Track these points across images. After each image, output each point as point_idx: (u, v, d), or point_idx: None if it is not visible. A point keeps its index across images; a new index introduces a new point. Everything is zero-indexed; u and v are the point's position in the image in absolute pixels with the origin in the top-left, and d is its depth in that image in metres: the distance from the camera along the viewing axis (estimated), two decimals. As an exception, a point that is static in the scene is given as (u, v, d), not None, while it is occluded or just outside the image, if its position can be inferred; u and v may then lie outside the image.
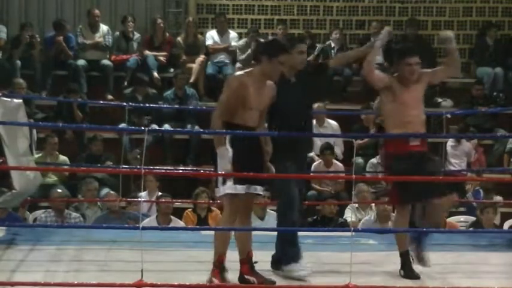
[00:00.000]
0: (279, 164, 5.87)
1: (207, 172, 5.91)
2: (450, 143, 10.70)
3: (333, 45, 12.30)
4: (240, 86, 5.61)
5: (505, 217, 9.66)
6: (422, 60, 5.83)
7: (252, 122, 5.70)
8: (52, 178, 9.94)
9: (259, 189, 5.74)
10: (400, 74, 6.01)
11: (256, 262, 5.79)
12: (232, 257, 5.99)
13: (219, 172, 5.57)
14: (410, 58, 5.99)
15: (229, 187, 5.61)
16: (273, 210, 8.72)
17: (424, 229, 5.88)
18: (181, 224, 8.74)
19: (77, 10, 12.65)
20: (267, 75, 5.68)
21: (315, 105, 10.99)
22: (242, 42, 12.31)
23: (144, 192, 9.36)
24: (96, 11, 12.11)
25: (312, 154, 10.60)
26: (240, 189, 5.62)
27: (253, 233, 6.18)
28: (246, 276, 5.68)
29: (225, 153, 5.58)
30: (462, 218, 9.64)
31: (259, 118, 5.77)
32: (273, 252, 6.24)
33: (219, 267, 5.66)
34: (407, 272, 5.94)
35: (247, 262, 5.72)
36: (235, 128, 5.67)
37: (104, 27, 12.12)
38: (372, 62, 6.02)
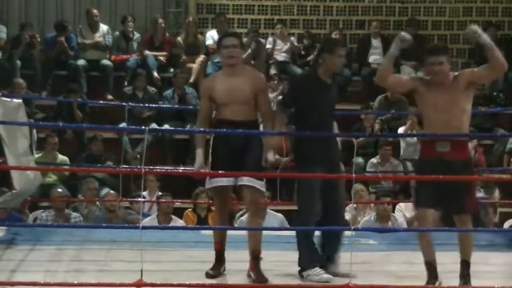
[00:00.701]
0: (306, 167, 5.85)
1: (207, 172, 5.89)
2: None
3: (332, 45, 12.30)
4: (204, 88, 6.02)
5: (505, 217, 9.65)
6: (422, 60, 5.66)
7: (236, 116, 5.85)
8: (52, 178, 9.94)
9: (245, 180, 5.76)
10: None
11: (261, 258, 5.83)
12: (233, 257, 6.00)
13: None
14: (431, 57, 5.60)
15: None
16: (273, 210, 8.73)
17: (423, 228, 5.85)
18: (181, 223, 8.73)
19: (77, 10, 12.65)
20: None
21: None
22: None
23: (145, 192, 9.37)
24: (95, 11, 12.11)
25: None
26: (209, 183, 5.91)
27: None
28: (249, 272, 5.75)
29: (198, 154, 6.02)
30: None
31: (250, 111, 5.86)
32: (273, 251, 6.24)
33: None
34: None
35: (253, 259, 5.79)
36: (219, 124, 5.95)
37: (103, 27, 12.12)
38: (386, 69, 5.77)
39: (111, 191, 9.14)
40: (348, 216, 9.05)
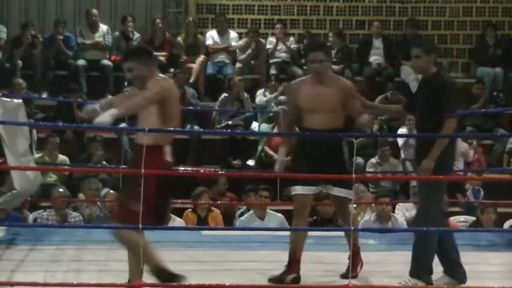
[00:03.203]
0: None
1: (207, 172, 5.88)
2: None
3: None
4: (290, 92, 6.16)
5: (505, 217, 9.64)
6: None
7: (319, 124, 5.80)
8: (52, 178, 9.94)
9: (334, 190, 5.84)
10: None
11: None
12: (234, 257, 6.00)
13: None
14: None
15: None
16: (273, 210, 8.73)
17: (424, 229, 5.85)
18: (180, 221, 8.73)
19: (77, 10, 12.65)
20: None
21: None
22: (242, 42, 12.31)
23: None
24: (94, 11, 12.11)
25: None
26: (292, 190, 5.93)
27: (253, 232, 6.20)
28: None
29: (280, 152, 5.99)
30: (462, 218, 9.63)
31: (335, 119, 5.86)
32: (273, 251, 6.23)
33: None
34: None
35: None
36: (302, 131, 5.92)
37: (103, 27, 12.12)
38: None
39: (111, 191, 9.14)
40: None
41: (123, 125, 9.29)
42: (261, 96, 11.51)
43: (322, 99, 5.78)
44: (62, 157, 10.07)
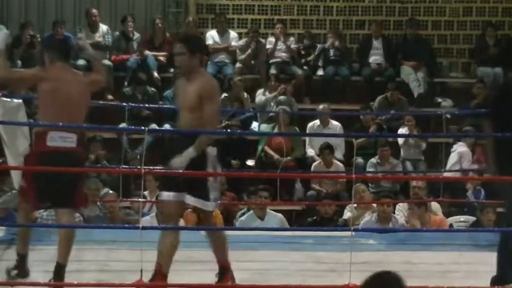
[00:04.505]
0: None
1: (207, 172, 5.86)
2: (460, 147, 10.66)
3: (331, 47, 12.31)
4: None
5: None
6: (422, 60, 5.50)
7: (182, 122, 5.59)
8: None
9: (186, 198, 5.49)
10: None
11: None
12: (232, 257, 5.99)
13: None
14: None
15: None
16: (272, 210, 8.73)
17: (424, 228, 5.86)
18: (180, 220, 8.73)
19: (77, 10, 12.66)
20: None
21: (320, 106, 11.06)
22: (242, 42, 12.31)
23: (146, 192, 9.37)
24: (94, 11, 12.12)
25: (312, 154, 10.63)
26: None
27: (253, 232, 6.20)
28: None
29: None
30: (462, 218, 9.63)
31: (197, 119, 5.48)
32: (273, 251, 6.23)
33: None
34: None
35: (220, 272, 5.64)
36: None
37: (103, 27, 12.13)
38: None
39: (110, 191, 9.13)
40: (347, 215, 9.12)
41: (123, 125, 9.31)
42: (261, 96, 11.51)
43: (184, 97, 5.44)
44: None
